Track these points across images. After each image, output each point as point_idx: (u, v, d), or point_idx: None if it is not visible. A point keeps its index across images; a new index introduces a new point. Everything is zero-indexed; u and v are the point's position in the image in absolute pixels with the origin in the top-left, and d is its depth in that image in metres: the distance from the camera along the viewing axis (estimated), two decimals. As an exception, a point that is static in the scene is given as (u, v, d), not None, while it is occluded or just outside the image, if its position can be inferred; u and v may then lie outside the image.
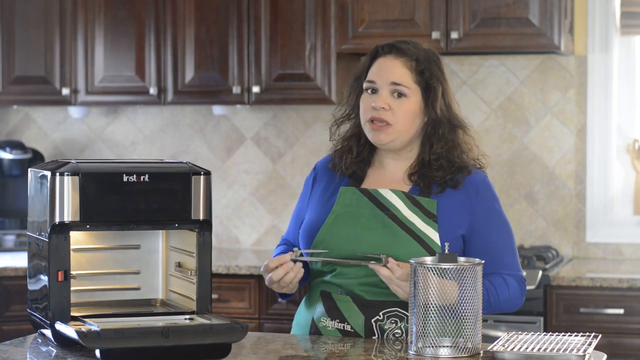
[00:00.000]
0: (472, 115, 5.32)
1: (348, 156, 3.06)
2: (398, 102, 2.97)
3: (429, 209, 2.95)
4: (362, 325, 2.93)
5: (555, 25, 4.83)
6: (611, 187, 5.22)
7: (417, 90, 2.98)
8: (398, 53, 3.00)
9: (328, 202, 3.04)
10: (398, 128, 2.97)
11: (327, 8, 5.10)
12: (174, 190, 2.80)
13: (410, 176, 3.01)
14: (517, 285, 2.98)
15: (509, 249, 3.00)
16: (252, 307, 4.93)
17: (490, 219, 2.99)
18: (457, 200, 2.97)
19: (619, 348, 4.54)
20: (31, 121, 5.92)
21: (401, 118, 2.97)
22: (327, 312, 2.97)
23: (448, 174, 2.97)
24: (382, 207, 2.97)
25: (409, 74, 2.98)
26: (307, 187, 3.15)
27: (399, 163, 3.05)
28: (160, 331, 2.59)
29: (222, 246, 5.66)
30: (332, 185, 3.08)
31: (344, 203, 3.00)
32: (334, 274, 2.97)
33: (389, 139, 2.98)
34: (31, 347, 2.80)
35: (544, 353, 2.60)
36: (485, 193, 3.00)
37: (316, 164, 3.17)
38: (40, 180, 2.79)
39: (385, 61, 3.00)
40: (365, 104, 3.01)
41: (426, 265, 2.64)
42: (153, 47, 5.33)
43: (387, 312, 2.93)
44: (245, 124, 5.64)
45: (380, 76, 2.99)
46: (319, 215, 3.03)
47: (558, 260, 5.02)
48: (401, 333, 2.92)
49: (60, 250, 2.72)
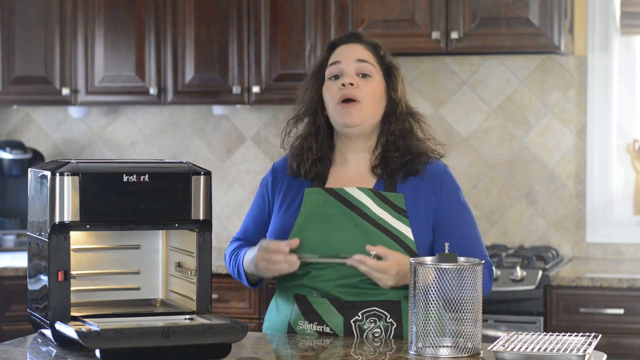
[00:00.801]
0: (472, 115, 5.32)
1: (308, 155, 3.06)
2: (364, 81, 3.02)
3: (397, 204, 2.97)
4: (341, 327, 2.94)
5: (555, 25, 4.83)
6: (611, 187, 5.22)
7: (380, 71, 3.05)
8: (357, 40, 3.09)
9: (292, 205, 3.04)
10: (365, 107, 3.00)
11: (327, 8, 5.10)
12: (174, 190, 2.80)
13: (374, 169, 3.03)
14: (487, 271, 2.99)
15: (475, 236, 3.03)
16: (252, 307, 4.94)
17: (455, 208, 3.02)
18: (422, 192, 3.00)
19: (619, 348, 4.54)
20: (31, 121, 5.92)
21: (368, 95, 3.01)
22: (303, 315, 2.97)
23: (406, 156, 3.00)
24: (351, 206, 2.97)
25: (372, 55, 3.06)
26: (264, 188, 3.13)
27: (361, 156, 3.06)
28: (160, 331, 2.59)
29: (222, 246, 5.66)
30: (294, 185, 3.07)
31: (311, 204, 2.99)
32: (308, 277, 2.97)
33: (359, 119, 3.00)
34: (31, 347, 2.80)
35: (544, 353, 2.60)
36: (449, 183, 3.04)
37: (274, 164, 3.17)
38: (40, 180, 2.79)
39: (346, 47, 3.07)
40: (331, 89, 3.04)
41: (426, 265, 2.64)
42: (153, 47, 5.34)
43: (365, 312, 2.93)
44: (245, 124, 5.64)
45: (344, 55, 3.05)
46: (287, 218, 3.02)
47: (558, 260, 5.02)
48: (380, 332, 2.93)
49: (60, 250, 2.72)
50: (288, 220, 3.02)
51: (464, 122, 5.33)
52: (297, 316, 2.98)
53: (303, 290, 2.98)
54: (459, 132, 5.32)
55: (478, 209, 5.27)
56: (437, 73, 5.36)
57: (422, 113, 3.12)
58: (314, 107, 3.09)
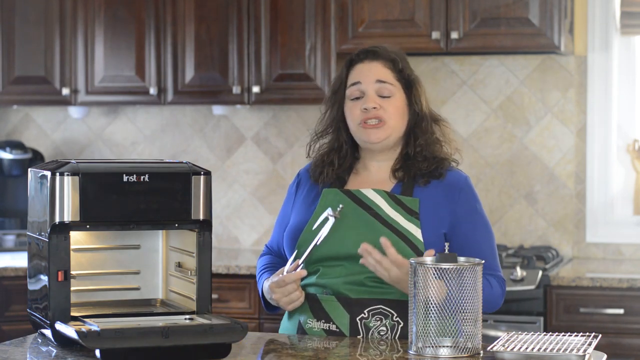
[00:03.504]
0: (472, 115, 5.32)
1: (329, 169, 3.10)
2: (386, 101, 3.03)
3: (411, 207, 2.98)
4: (347, 325, 2.95)
5: (555, 25, 4.83)
6: (611, 187, 5.22)
7: (400, 87, 3.06)
8: (374, 57, 3.07)
9: (311, 205, 3.07)
10: (391, 124, 3.03)
11: (327, 8, 5.10)
12: (174, 190, 2.81)
13: (395, 172, 3.06)
14: (499, 286, 3.00)
15: (490, 249, 3.03)
16: (252, 307, 4.93)
17: (471, 218, 3.02)
18: (439, 198, 3.01)
19: (619, 348, 4.54)
20: (31, 121, 5.92)
21: (393, 114, 3.03)
22: (313, 314, 2.99)
23: (432, 165, 3.03)
24: (365, 206, 3.00)
25: (391, 73, 3.05)
26: (290, 194, 3.19)
27: (382, 164, 3.09)
28: (160, 331, 2.59)
29: (222, 246, 5.66)
30: (315, 188, 3.11)
31: (327, 204, 3.02)
32: (318, 275, 2.99)
33: (385, 135, 3.03)
34: (31, 347, 2.80)
35: (544, 353, 2.60)
36: (467, 193, 3.04)
37: (300, 170, 3.21)
38: (40, 180, 2.79)
39: (364, 65, 3.07)
40: (353, 110, 3.05)
41: (426, 265, 2.64)
42: (153, 47, 5.33)
43: (371, 310, 2.94)
44: (245, 124, 5.64)
45: (364, 75, 3.05)
46: (302, 217, 3.06)
47: (558, 260, 5.02)
48: (386, 330, 2.94)
49: (60, 250, 2.72)
50: (303, 218, 3.05)
51: (464, 122, 5.33)
52: (308, 315, 3.00)
53: (314, 289, 3.01)
54: (459, 132, 5.32)
55: (478, 209, 5.26)
56: (437, 73, 5.36)
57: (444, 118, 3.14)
58: (336, 125, 3.12)
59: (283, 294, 2.96)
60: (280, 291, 2.96)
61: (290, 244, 3.05)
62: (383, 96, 3.03)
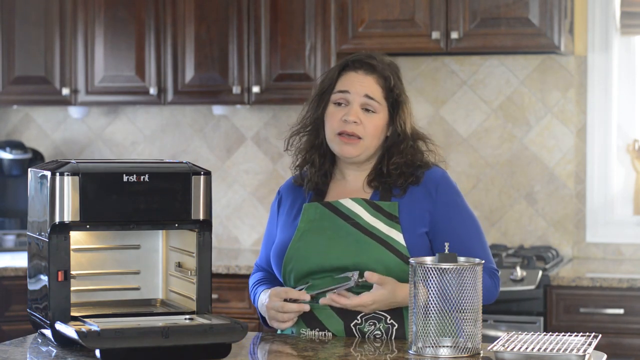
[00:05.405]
0: (472, 115, 5.32)
1: (311, 169, 3.10)
2: (368, 116, 3.01)
3: (390, 211, 2.98)
4: (342, 331, 2.95)
5: (555, 25, 4.83)
6: (611, 187, 5.22)
7: (385, 106, 3.03)
8: (369, 70, 3.04)
9: (294, 221, 3.07)
10: (366, 143, 3.01)
11: (327, 8, 5.10)
12: (174, 190, 2.81)
13: (370, 182, 3.05)
14: (490, 279, 2.98)
15: (478, 241, 3.01)
16: (252, 307, 4.93)
17: (452, 212, 3.00)
18: (417, 198, 3.00)
19: (619, 348, 4.54)
20: (31, 121, 5.92)
21: (370, 132, 3.01)
22: (305, 323, 2.98)
23: (409, 178, 3.01)
24: (345, 217, 3.00)
25: (380, 91, 3.02)
26: (273, 212, 3.18)
27: (359, 173, 3.08)
28: (160, 331, 2.59)
29: (222, 246, 5.66)
30: (296, 204, 3.11)
31: (309, 219, 3.03)
32: (308, 287, 2.99)
33: (357, 152, 3.02)
34: (31, 347, 2.80)
35: (544, 353, 2.60)
36: (445, 187, 3.02)
37: (279, 188, 3.22)
38: (40, 180, 2.79)
39: (357, 76, 3.04)
40: (334, 117, 3.03)
41: (426, 265, 2.64)
42: (153, 47, 5.33)
43: (364, 315, 2.94)
44: (245, 124, 5.64)
45: (354, 87, 3.02)
46: (287, 234, 3.06)
47: (558, 260, 5.02)
48: (381, 334, 2.93)
49: (60, 250, 2.72)
50: (288, 234, 3.06)
51: (464, 122, 5.33)
52: (301, 325, 2.99)
53: None
54: (459, 132, 5.32)
55: (478, 209, 5.27)
56: (437, 73, 5.36)
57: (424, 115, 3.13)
58: (316, 126, 3.10)
59: (276, 319, 2.96)
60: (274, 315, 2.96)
61: (276, 261, 3.06)
62: (367, 109, 3.01)
